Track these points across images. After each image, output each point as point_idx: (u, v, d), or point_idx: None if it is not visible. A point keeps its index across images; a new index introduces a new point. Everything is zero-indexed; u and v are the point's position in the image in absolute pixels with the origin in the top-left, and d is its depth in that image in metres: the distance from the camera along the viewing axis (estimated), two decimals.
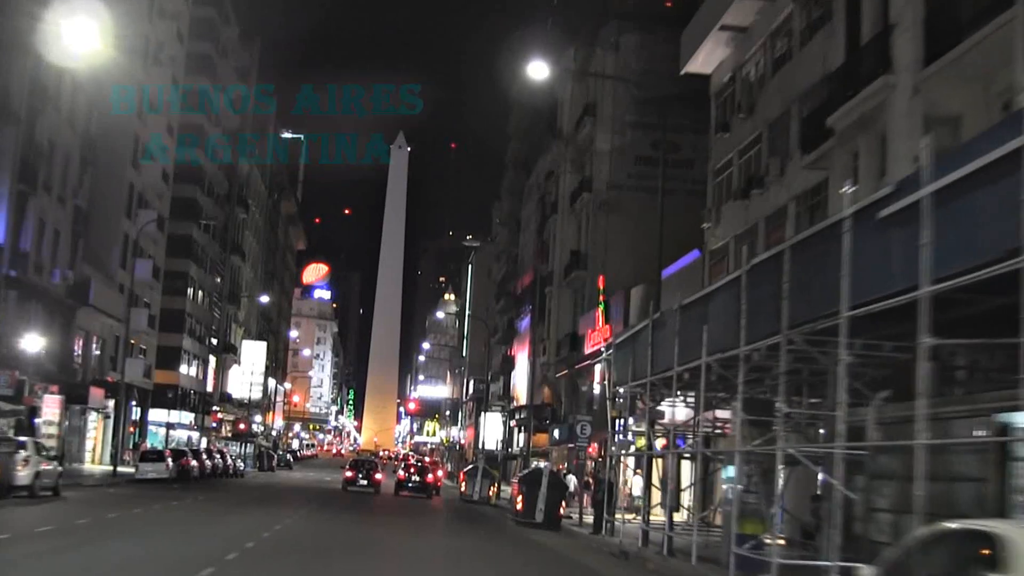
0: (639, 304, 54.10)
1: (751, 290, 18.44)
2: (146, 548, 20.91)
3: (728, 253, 39.49)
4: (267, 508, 37.02)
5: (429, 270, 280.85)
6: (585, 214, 69.06)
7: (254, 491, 51.84)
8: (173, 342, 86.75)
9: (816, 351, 16.46)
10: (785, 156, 34.85)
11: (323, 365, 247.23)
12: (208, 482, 56.68)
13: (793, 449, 16.72)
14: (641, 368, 26.06)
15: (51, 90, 53.37)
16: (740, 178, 39.43)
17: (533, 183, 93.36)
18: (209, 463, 61.36)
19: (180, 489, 45.59)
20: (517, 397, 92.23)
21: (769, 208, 35.83)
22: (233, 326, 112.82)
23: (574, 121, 72.72)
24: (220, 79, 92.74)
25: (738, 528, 18.80)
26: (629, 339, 27.82)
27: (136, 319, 71.96)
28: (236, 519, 30.53)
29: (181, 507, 34.36)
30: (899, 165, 23.02)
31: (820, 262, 15.85)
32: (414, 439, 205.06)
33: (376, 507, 45.34)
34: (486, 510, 49.37)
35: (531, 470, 39.37)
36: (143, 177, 73.02)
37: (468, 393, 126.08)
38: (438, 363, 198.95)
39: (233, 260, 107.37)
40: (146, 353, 77.88)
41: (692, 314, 22.41)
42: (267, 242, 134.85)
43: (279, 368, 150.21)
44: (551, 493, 35.32)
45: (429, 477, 58.00)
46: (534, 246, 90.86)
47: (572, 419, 68.93)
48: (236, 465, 69.62)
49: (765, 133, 37.17)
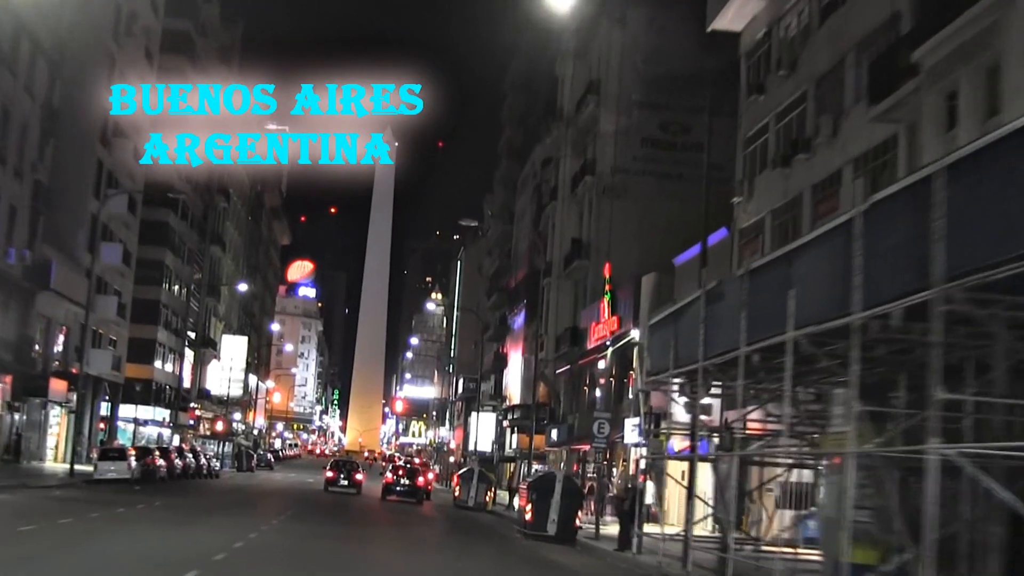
0: (651, 293, 49.41)
1: (871, 238, 13.67)
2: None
3: (763, 230, 34.78)
4: (235, 516, 32.07)
5: (415, 270, 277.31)
6: (588, 200, 64.37)
7: (226, 494, 46.96)
8: (147, 334, 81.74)
9: (985, 312, 11.73)
10: (839, 114, 30.18)
11: (308, 364, 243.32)
12: (177, 484, 51.66)
13: (953, 451, 11.87)
14: (688, 352, 21.30)
15: (4, 51, 48.43)
16: (779, 144, 34.74)
17: (528, 172, 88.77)
18: (180, 463, 56.33)
19: (141, 492, 40.57)
20: (510, 396, 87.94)
21: (817, 175, 31.16)
22: (213, 320, 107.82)
23: (575, 101, 68.01)
24: (198, 58, 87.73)
25: (848, 554, 13.99)
26: (670, 318, 22.99)
27: (104, 307, 67.05)
28: (189, 532, 25.34)
29: (129, 515, 29.14)
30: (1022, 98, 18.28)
31: (997, 184, 11.12)
32: (399, 440, 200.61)
33: (362, 514, 40.49)
34: (484, 518, 44.55)
35: (542, 474, 34.41)
36: (113, 155, 67.95)
37: (457, 392, 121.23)
38: (424, 363, 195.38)
39: (213, 251, 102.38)
40: (116, 344, 72.78)
41: (766, 280, 17.66)
42: (250, 235, 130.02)
43: (262, 365, 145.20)
44: (566, 501, 30.32)
45: (420, 480, 52.90)
46: (530, 238, 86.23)
47: (572, 419, 64.36)
48: (211, 465, 64.46)
49: (811, 90, 32.47)
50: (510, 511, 49.78)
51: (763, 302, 17.49)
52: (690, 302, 21.74)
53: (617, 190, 61.83)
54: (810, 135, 31.77)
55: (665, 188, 61.05)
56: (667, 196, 60.14)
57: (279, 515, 33.54)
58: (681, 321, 22.25)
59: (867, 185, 28.35)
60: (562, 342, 65.21)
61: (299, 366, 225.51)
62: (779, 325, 16.71)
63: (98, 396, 70.31)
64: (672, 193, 60.30)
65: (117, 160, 68.60)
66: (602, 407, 55.85)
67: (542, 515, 30.30)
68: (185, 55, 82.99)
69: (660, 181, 61.81)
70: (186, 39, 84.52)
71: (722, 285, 20.01)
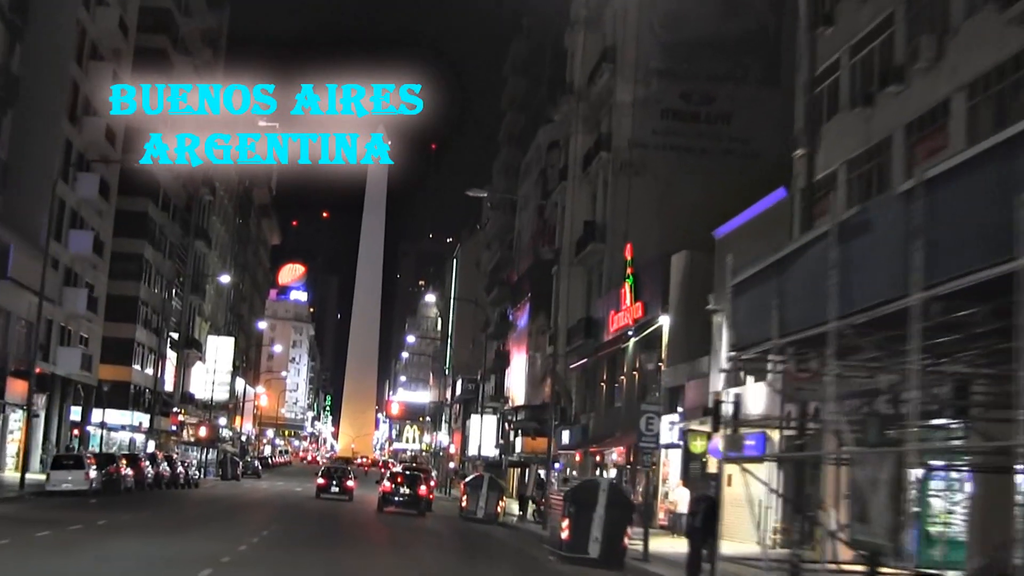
0: (682, 273, 43.75)
1: None
2: None
3: (837, 184, 29.04)
4: (197, 538, 25.94)
5: (408, 274, 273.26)
6: (602, 178, 58.77)
7: (201, 507, 41.10)
8: (124, 333, 75.84)
9: None
10: (944, 31, 24.41)
11: (299, 369, 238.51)
12: (147, 495, 45.61)
13: None
14: (801, 313, 15.49)
15: None
16: (855, 82, 28.95)
17: (532, 158, 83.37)
18: (152, 471, 50.29)
19: (98, 506, 34.56)
20: (512, 397, 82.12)
21: (913, 110, 25.46)
22: (198, 320, 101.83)
23: (587, 72, 62.31)
24: (180, 37, 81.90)
25: None
26: (770, 271, 17.07)
27: (73, 300, 61.24)
28: (131, 567, 19.41)
29: (57, 539, 23.00)
30: None
31: None
32: (393, 446, 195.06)
33: (355, 531, 34.64)
34: (498, 533, 38.60)
35: (582, 482, 28.41)
36: (83, 135, 61.99)
37: (455, 395, 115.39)
38: (419, 367, 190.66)
39: (197, 246, 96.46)
40: (88, 343, 66.76)
41: (956, 190, 11.89)
42: (238, 232, 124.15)
43: (250, 368, 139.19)
44: (612, 515, 24.27)
45: (422, 488, 46.70)
46: (534, 226, 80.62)
47: (587, 419, 58.60)
48: (188, 474, 58.27)
49: (901, 10, 26.67)
50: (524, 523, 43.86)
51: (947, 228, 11.76)
52: (805, 244, 15.93)
53: (635, 166, 56.29)
54: (902, 63, 26.02)
55: (687, 163, 55.82)
56: (690, 172, 55.04)
57: (254, 535, 27.42)
58: (788, 274, 16.40)
59: (986, 116, 22.69)
60: (574, 335, 59.50)
61: (290, 371, 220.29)
62: (972, 260, 11.05)
63: (67, 399, 64.33)
64: (695, 168, 55.23)
65: (88, 140, 62.69)
66: (625, 403, 50.13)
67: (582, 532, 24.25)
68: (163, 31, 77.12)
69: (682, 156, 56.44)
70: (165, 16, 78.57)
71: (867, 212, 14.21)
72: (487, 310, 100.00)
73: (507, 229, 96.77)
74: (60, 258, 59.47)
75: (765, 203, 34.39)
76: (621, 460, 48.82)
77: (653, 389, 46.48)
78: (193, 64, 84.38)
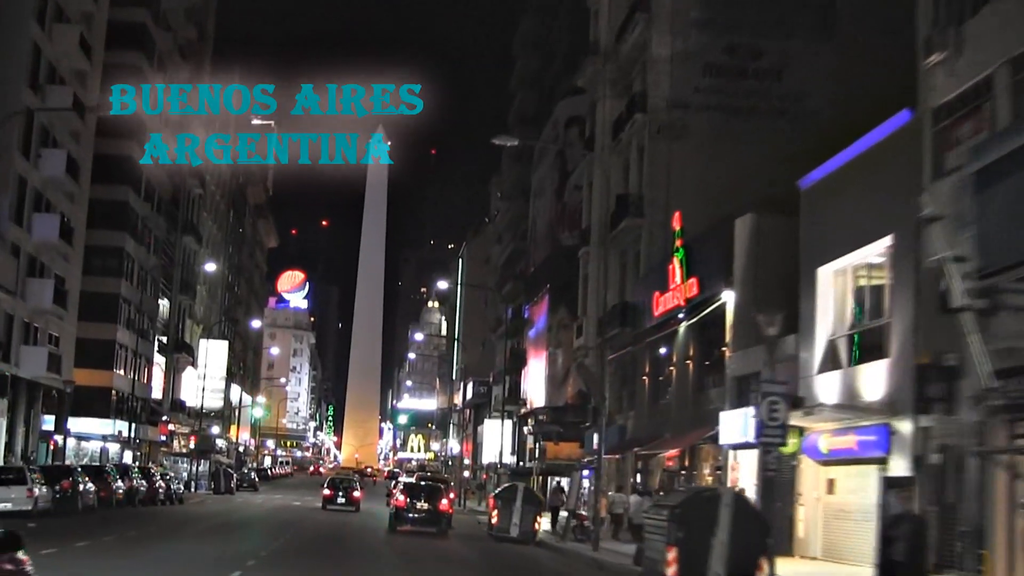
0: (748, 240, 36.56)
1: None
2: None
3: (992, 92, 21.88)
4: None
5: (410, 281, 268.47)
6: (636, 146, 51.76)
7: (173, 531, 33.73)
8: (104, 334, 68.63)
9: None
10: None
11: (300, 378, 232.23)
12: (112, 515, 37.96)
13: None
14: None
15: None
16: None
17: (548, 137, 76.45)
18: (124, 485, 42.96)
19: (35, 532, 27.04)
20: (530, 400, 75.33)
21: None
22: (188, 322, 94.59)
23: (615, 29, 55.29)
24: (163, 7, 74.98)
25: None
26: None
27: (37, 292, 54.11)
28: None
29: None
30: None
31: None
32: (397, 455, 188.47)
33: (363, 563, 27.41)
34: (542, 557, 31.27)
35: (695, 493, 20.88)
36: (48, 104, 54.70)
37: (465, 399, 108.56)
38: (424, 373, 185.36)
39: (186, 242, 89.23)
40: (58, 342, 59.48)
41: None
42: (233, 232, 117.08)
43: (248, 376, 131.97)
44: (740, 537, 16.64)
45: (442, 503, 39.04)
46: (552, 212, 73.78)
47: (623, 419, 51.47)
48: (170, 488, 50.81)
49: None
50: (564, 542, 36.49)
51: None
52: None
53: (675, 129, 49.21)
54: None
55: (734, 125, 48.89)
56: (737, 134, 48.18)
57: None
58: None
59: None
60: (607, 324, 52.35)
61: (291, 380, 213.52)
62: None
63: (35, 405, 57.09)
64: (743, 131, 48.36)
65: (53, 113, 55.49)
66: (676, 397, 42.95)
67: (697, 564, 16.81)
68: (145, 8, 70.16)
69: (728, 117, 49.43)
70: None
71: None
72: (499, 308, 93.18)
73: (521, 218, 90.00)
74: (22, 244, 52.41)
75: (875, 135, 27.20)
76: (673, 464, 41.59)
77: (711, 381, 39.41)
78: (180, 50, 77.64)
